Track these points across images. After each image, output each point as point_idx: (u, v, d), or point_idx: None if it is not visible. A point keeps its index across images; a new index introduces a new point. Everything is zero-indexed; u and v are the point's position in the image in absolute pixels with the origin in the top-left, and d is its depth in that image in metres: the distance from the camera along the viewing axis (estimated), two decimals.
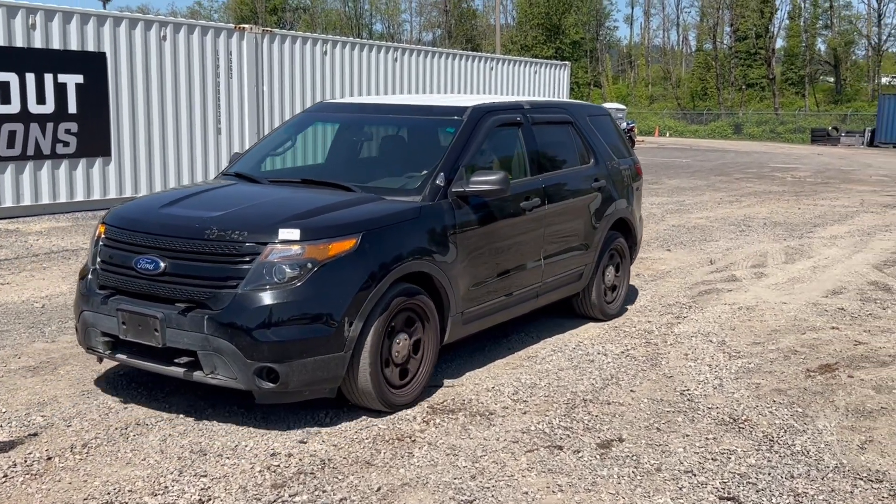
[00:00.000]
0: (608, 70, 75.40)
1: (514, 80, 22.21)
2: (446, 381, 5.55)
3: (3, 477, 4.05)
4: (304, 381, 4.61)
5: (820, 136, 45.42)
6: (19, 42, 12.12)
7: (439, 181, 5.43)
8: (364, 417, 4.88)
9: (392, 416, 4.89)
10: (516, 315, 6.31)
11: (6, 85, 12.01)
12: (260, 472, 4.18)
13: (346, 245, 4.74)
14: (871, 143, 42.72)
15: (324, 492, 3.99)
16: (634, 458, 4.43)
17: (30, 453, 4.30)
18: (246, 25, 15.73)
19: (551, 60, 25.80)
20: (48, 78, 12.47)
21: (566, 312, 7.27)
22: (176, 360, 4.74)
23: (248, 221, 4.80)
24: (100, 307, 4.91)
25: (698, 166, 26.36)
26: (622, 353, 6.28)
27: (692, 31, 76.06)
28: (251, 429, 4.69)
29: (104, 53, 13.14)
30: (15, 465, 4.17)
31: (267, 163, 6.46)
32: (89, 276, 5.10)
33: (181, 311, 4.61)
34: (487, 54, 22.69)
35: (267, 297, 4.54)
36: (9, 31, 11.99)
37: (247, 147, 15.25)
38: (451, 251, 5.35)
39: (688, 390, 5.47)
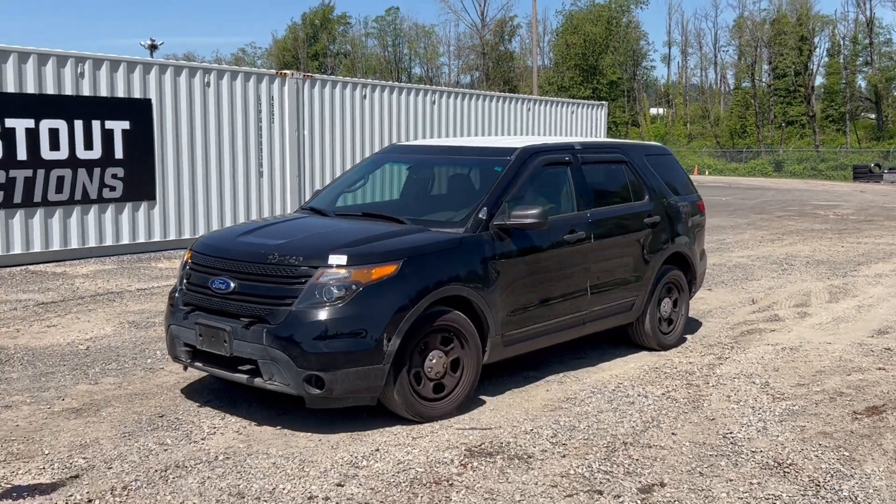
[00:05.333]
0: (646, 109, 75.32)
1: (551, 121, 22.25)
2: (484, 424, 5.49)
3: None
4: (347, 388, 5.16)
5: (862, 173, 44.70)
6: (68, 90, 12.43)
7: (482, 215, 5.95)
8: (401, 460, 4.83)
9: (429, 459, 4.84)
10: (562, 340, 6.68)
11: (56, 132, 12.30)
12: None
13: (388, 270, 5.32)
14: None
15: None
16: (676, 503, 4.33)
17: (71, 495, 4.32)
18: (287, 71, 15.98)
19: (589, 100, 25.84)
20: (96, 125, 12.75)
21: (605, 354, 7.19)
22: (240, 368, 5.36)
23: (304, 248, 5.47)
24: (182, 321, 5.65)
25: (738, 204, 26.10)
26: (663, 394, 6.18)
27: (730, 69, 75.80)
28: (288, 471, 4.67)
29: (150, 100, 13.42)
30: None
31: (343, 198, 7.16)
32: (177, 296, 5.83)
33: (245, 325, 5.26)
34: (524, 96, 22.79)
35: (316, 314, 5.15)
36: (59, 79, 12.31)
37: (288, 189, 15.47)
38: (490, 278, 5.83)
39: (731, 433, 5.35)
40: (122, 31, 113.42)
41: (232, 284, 5.40)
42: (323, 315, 5.12)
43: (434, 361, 5.52)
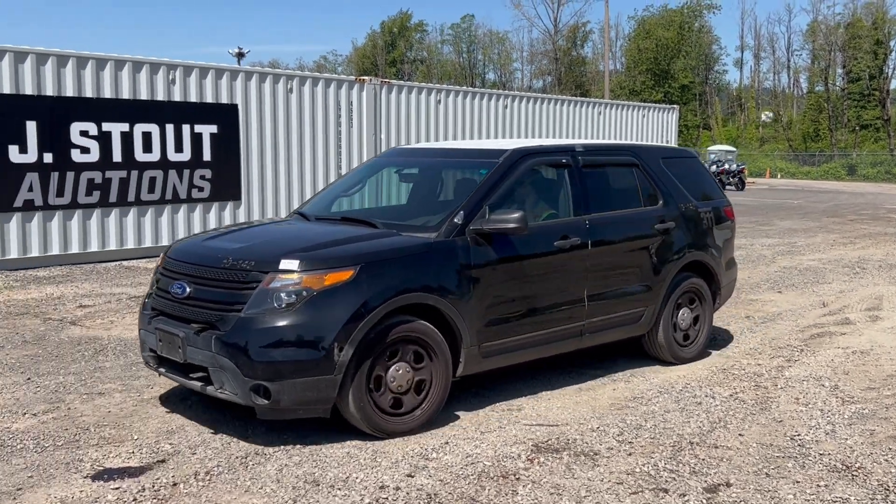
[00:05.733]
0: (717, 113, 73.78)
1: (621, 124, 21.98)
2: (551, 420, 5.45)
3: (133, 501, 4.19)
4: (295, 399, 4.77)
5: None
6: (160, 96, 12.79)
7: (457, 219, 5.43)
8: (470, 453, 4.83)
9: (497, 454, 4.83)
10: (557, 352, 6.16)
11: (148, 135, 12.67)
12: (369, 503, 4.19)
13: (343, 276, 4.88)
14: None
15: None
16: (742, 503, 4.22)
17: (157, 479, 4.44)
18: (366, 77, 16.14)
19: (660, 104, 25.44)
20: (186, 128, 13.10)
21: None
22: (191, 375, 5.09)
23: (257, 252, 5.11)
24: (147, 326, 5.39)
25: (810, 207, 25.36)
26: (731, 396, 6.04)
27: (803, 73, 73.70)
28: (362, 461, 4.71)
29: (236, 105, 13.72)
30: (143, 489, 4.31)
31: (338, 203, 6.65)
32: (147, 300, 5.56)
33: (196, 331, 4.94)
34: (595, 99, 22.56)
35: (264, 321, 4.77)
36: (151, 85, 12.68)
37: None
38: (463, 286, 5.33)
39: (798, 435, 5.20)
40: (212, 39, 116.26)
41: (188, 289, 5.09)
42: (270, 322, 4.73)
43: (397, 374, 5.05)
